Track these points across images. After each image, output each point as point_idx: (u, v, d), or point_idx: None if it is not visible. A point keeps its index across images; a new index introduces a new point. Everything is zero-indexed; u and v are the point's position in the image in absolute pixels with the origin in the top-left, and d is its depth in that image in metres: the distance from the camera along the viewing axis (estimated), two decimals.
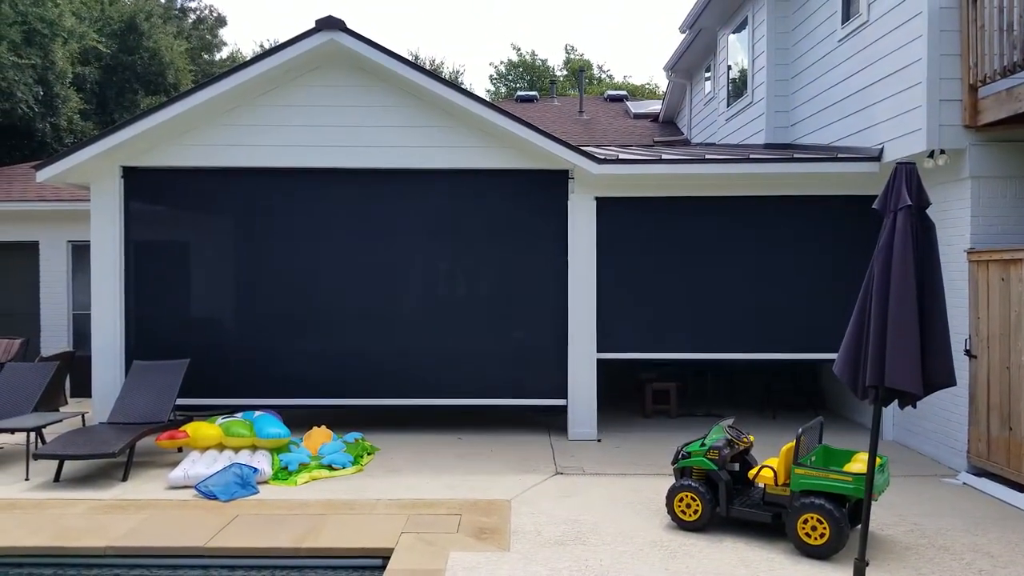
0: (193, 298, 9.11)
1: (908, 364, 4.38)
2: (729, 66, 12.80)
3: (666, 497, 5.88)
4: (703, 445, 5.91)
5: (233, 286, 9.11)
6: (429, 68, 22.99)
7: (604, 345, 8.90)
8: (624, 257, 8.96)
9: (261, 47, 36.95)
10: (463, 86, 20.06)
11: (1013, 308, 6.63)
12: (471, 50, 58.89)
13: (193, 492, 6.74)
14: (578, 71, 26.80)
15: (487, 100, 10.13)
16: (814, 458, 5.70)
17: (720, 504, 5.71)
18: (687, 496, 5.75)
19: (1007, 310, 6.71)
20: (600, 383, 8.97)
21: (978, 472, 7.11)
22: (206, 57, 31.10)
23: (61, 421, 8.14)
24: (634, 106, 20.20)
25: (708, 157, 8.83)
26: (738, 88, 12.41)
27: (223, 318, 9.12)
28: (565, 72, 37.82)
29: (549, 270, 8.97)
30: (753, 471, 5.94)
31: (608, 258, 8.93)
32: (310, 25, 8.56)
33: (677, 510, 5.80)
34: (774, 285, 8.90)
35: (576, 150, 8.62)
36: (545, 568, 5.12)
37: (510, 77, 38.38)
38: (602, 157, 8.72)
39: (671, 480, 6.52)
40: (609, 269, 8.94)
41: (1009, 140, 7.15)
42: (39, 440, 8.05)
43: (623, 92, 23.30)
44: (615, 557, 5.31)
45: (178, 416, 8.51)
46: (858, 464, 5.52)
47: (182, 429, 7.57)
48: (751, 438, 6.19)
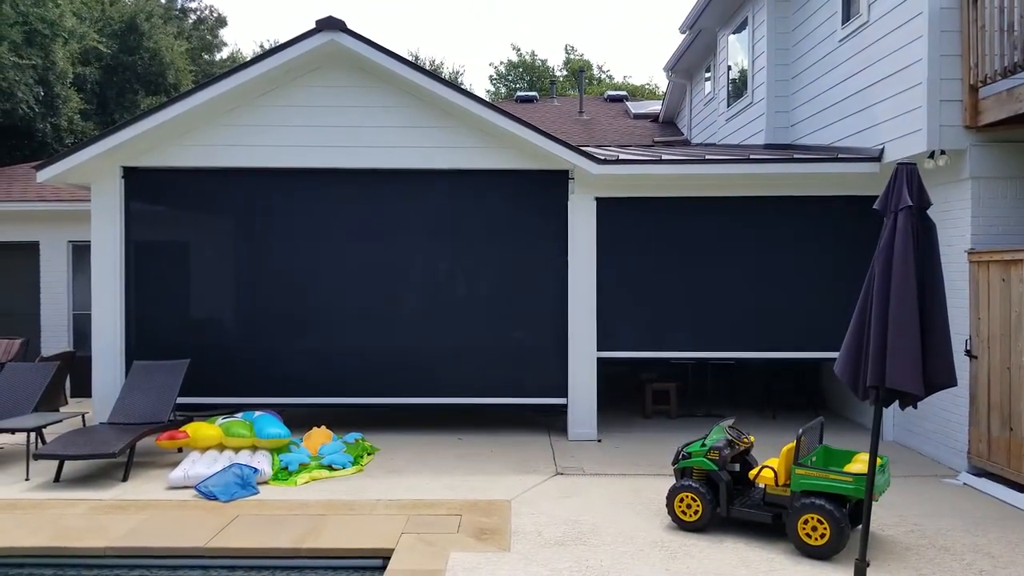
0: (193, 298, 9.11)
1: (909, 364, 4.38)
2: (729, 66, 12.80)
3: (666, 497, 5.88)
4: (703, 445, 5.91)
5: (233, 286, 9.12)
6: (429, 68, 22.96)
7: (604, 344, 8.90)
8: (624, 257, 8.96)
9: (261, 47, 36.97)
10: (463, 86, 20.03)
11: (1013, 308, 6.63)
12: (471, 50, 58.97)
13: (193, 492, 6.73)
14: (578, 71, 26.80)
15: (487, 100, 10.14)
16: (814, 458, 5.70)
17: (720, 504, 5.71)
18: (687, 496, 5.75)
19: (1007, 310, 6.70)
20: (600, 384, 8.97)
21: (978, 472, 7.11)
22: (206, 57, 31.11)
23: (61, 421, 8.14)
24: (634, 106, 20.20)
25: (708, 157, 8.84)
26: (738, 88, 12.41)
27: (223, 318, 9.13)
28: (565, 72, 37.80)
29: (549, 270, 8.97)
30: (753, 471, 5.93)
31: (608, 258, 8.93)
32: (310, 25, 8.57)
33: (677, 510, 5.80)
34: (774, 285, 8.90)
35: (576, 150, 8.63)
36: (545, 568, 5.12)
37: (510, 77, 38.37)
38: (602, 157, 8.72)
39: (671, 480, 6.51)
40: (609, 269, 8.94)
41: (1010, 140, 7.15)
42: (39, 440, 8.05)
43: (623, 92, 23.29)
44: (616, 557, 5.31)
45: (178, 416, 8.51)
46: (858, 464, 5.52)
47: (182, 429, 7.57)
48: (751, 438, 6.19)
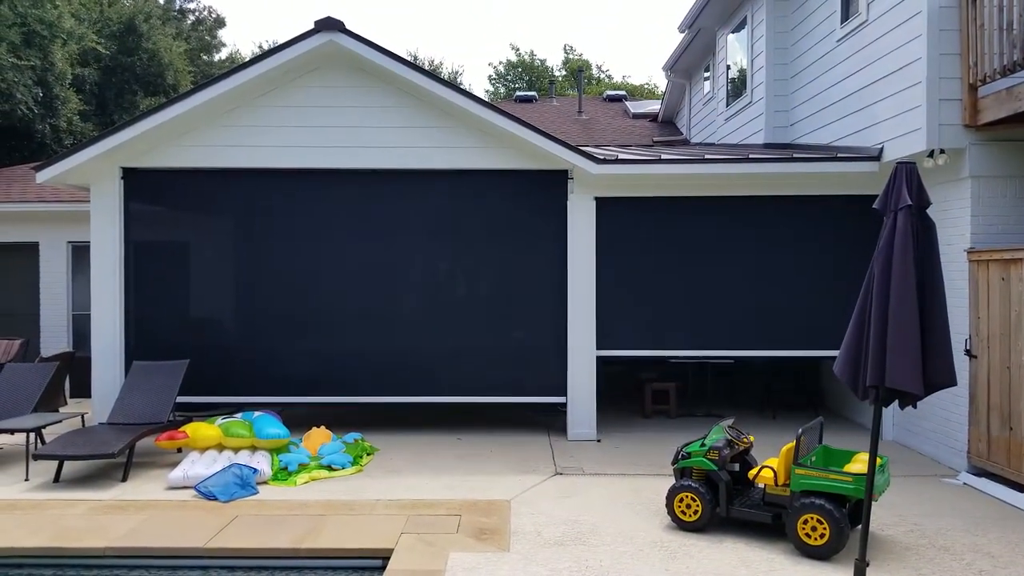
0: (193, 298, 9.11)
1: (909, 364, 4.38)
2: (728, 66, 12.80)
3: (666, 497, 5.88)
4: (703, 445, 5.90)
5: (233, 286, 9.11)
6: (428, 69, 22.99)
7: (604, 344, 8.90)
8: (624, 257, 8.96)
9: (260, 48, 36.98)
10: (462, 86, 20.04)
11: (1013, 308, 6.62)
12: (470, 50, 58.96)
13: (193, 492, 6.73)
14: (577, 71, 26.78)
15: (486, 100, 10.14)
16: (814, 458, 5.70)
17: (720, 504, 5.71)
18: (687, 496, 5.75)
19: (1007, 310, 6.70)
20: (600, 383, 8.97)
21: (978, 472, 7.11)
22: (205, 58, 31.11)
23: (61, 421, 8.14)
24: (633, 106, 20.18)
25: (708, 157, 8.83)
26: (737, 88, 12.41)
27: (223, 318, 9.12)
28: (564, 72, 37.79)
29: (549, 270, 8.97)
30: (753, 471, 5.93)
31: (608, 258, 8.93)
32: (309, 26, 8.56)
33: (677, 510, 5.80)
34: (774, 285, 8.90)
35: (575, 150, 8.62)
36: (545, 568, 5.11)
37: (509, 77, 38.37)
38: (601, 157, 8.72)
39: (671, 480, 6.51)
40: (609, 269, 8.94)
41: (1009, 139, 7.14)
42: (39, 440, 8.04)
43: (622, 92, 23.27)
44: (615, 557, 5.30)
45: (178, 416, 8.51)
46: (858, 464, 5.51)
47: (181, 430, 7.57)
48: (751, 438, 6.19)
